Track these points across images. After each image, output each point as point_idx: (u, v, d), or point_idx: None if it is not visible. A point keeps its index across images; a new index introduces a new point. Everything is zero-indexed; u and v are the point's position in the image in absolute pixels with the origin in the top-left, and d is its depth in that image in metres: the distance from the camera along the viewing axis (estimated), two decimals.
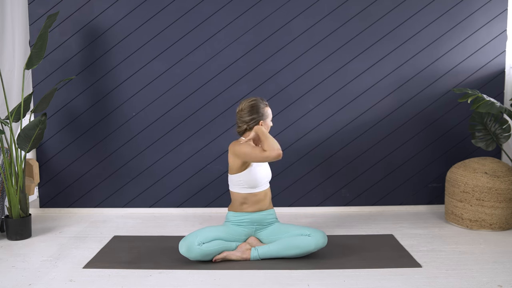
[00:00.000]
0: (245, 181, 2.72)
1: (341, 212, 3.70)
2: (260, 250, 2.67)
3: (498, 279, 2.40)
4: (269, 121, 2.81)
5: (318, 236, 2.63)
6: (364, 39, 3.63)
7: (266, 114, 2.78)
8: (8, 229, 3.09)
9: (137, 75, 3.65)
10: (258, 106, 2.75)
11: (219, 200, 3.72)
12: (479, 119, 3.49)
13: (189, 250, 2.58)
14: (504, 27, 3.63)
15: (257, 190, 2.75)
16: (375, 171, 3.73)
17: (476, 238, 3.05)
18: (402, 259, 2.67)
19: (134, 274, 2.50)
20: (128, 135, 3.70)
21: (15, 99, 3.57)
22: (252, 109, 2.75)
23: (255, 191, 2.75)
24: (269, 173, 2.85)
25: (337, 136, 3.70)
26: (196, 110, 3.67)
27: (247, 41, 3.61)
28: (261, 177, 2.75)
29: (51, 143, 3.71)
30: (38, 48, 3.14)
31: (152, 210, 3.75)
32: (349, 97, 3.67)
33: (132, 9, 3.60)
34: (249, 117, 2.74)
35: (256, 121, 2.75)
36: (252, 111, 2.74)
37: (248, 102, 2.77)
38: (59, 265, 2.64)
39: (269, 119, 2.80)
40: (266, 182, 2.82)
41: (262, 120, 2.76)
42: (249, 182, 2.72)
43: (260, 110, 2.75)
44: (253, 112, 2.74)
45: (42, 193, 3.76)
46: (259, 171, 2.75)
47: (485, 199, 3.16)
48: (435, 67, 3.66)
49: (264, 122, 2.77)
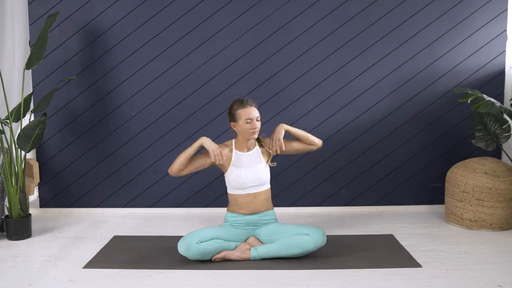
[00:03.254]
0: (229, 181, 2.78)
1: (341, 212, 3.70)
2: (259, 250, 2.67)
3: (498, 279, 2.40)
4: (243, 122, 2.71)
5: (317, 235, 2.63)
6: (364, 39, 3.63)
7: (238, 116, 2.72)
8: (8, 229, 3.09)
9: (137, 75, 3.65)
10: (231, 108, 2.77)
11: (219, 200, 3.72)
12: (479, 119, 3.48)
13: (187, 249, 2.58)
14: (504, 27, 3.62)
15: (242, 192, 2.76)
16: (375, 171, 3.73)
17: (476, 238, 3.05)
18: (402, 259, 2.67)
19: (134, 274, 2.50)
20: (128, 135, 3.70)
21: (15, 99, 3.57)
22: (229, 110, 2.79)
23: (241, 192, 2.76)
24: (259, 177, 2.76)
25: (337, 136, 3.70)
26: (196, 110, 3.67)
27: (247, 41, 3.61)
28: (243, 180, 2.73)
29: (51, 143, 3.71)
30: (38, 48, 3.14)
31: (152, 210, 3.75)
32: (349, 97, 3.67)
33: (132, 9, 3.60)
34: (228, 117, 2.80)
35: (231, 123, 2.78)
36: (228, 113, 2.79)
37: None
38: (59, 265, 2.64)
39: (241, 120, 2.71)
40: (256, 186, 2.76)
41: (234, 122, 2.75)
42: (232, 183, 2.77)
43: (232, 112, 2.75)
44: (228, 113, 2.79)
45: (42, 193, 3.76)
46: (240, 173, 2.74)
47: (485, 199, 3.16)
48: (435, 67, 3.66)
49: (236, 124, 2.74)
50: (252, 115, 2.71)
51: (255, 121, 2.71)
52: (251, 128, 2.71)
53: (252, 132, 2.72)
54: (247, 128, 2.71)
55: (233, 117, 2.74)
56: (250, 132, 2.71)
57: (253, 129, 2.71)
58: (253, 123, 2.71)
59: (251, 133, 2.72)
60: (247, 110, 2.71)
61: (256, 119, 2.72)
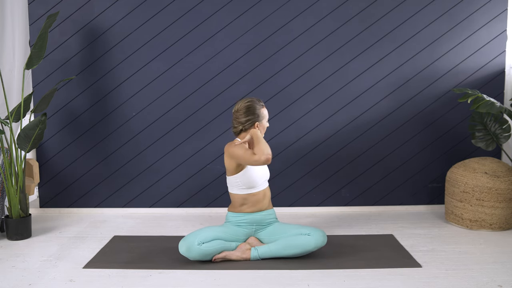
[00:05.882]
0: (242, 182, 2.71)
1: (341, 212, 3.70)
2: (260, 250, 2.67)
3: (498, 279, 2.40)
4: (265, 122, 2.79)
5: (317, 235, 2.63)
6: (364, 39, 3.63)
7: (262, 116, 2.75)
8: (8, 229, 3.09)
9: (137, 75, 3.65)
10: (254, 107, 2.73)
11: (219, 200, 3.72)
12: (479, 119, 3.49)
13: (188, 250, 2.58)
14: (504, 27, 3.63)
15: (255, 190, 2.75)
16: (375, 171, 3.73)
17: (476, 238, 3.05)
18: (402, 259, 2.67)
19: (134, 274, 2.50)
20: (128, 135, 3.70)
21: (15, 99, 3.57)
22: (248, 110, 2.72)
23: (253, 191, 2.74)
24: (267, 172, 2.83)
25: (337, 136, 3.70)
26: (196, 110, 3.67)
27: (247, 41, 3.61)
28: (258, 177, 2.74)
29: (51, 143, 3.71)
30: (38, 48, 3.14)
31: (152, 210, 3.75)
32: (349, 97, 3.67)
33: (132, 9, 3.60)
34: (245, 118, 2.72)
35: (252, 123, 2.73)
36: (248, 112, 2.72)
37: (244, 103, 2.74)
38: (59, 265, 2.64)
39: (265, 120, 2.78)
40: (264, 181, 2.80)
41: (258, 122, 2.74)
42: (246, 183, 2.71)
43: (256, 111, 2.73)
44: (249, 113, 2.72)
45: (42, 193, 3.76)
46: (255, 171, 2.73)
47: (485, 199, 3.16)
48: (435, 67, 3.66)
49: (260, 124, 2.75)
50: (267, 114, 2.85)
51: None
52: (266, 126, 2.82)
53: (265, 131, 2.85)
54: (266, 127, 2.81)
55: (258, 117, 2.74)
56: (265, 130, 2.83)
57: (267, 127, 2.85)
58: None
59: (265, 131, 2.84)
60: (266, 110, 2.81)
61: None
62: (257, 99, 2.78)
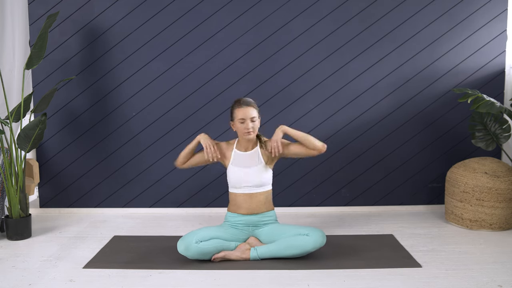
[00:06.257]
0: (228, 179, 2.83)
1: (341, 212, 3.70)
2: (259, 250, 2.67)
3: (498, 279, 2.39)
4: (238, 122, 2.72)
5: (316, 235, 2.63)
6: (364, 39, 3.63)
7: (235, 115, 2.75)
8: (8, 229, 3.09)
9: (137, 75, 3.65)
10: (231, 107, 2.81)
11: (218, 200, 3.72)
12: (479, 119, 3.48)
13: (187, 248, 2.58)
14: (504, 27, 3.63)
15: (239, 191, 2.77)
16: (375, 171, 3.73)
17: (476, 238, 3.05)
18: (402, 259, 2.67)
19: (134, 274, 2.50)
20: (128, 135, 3.70)
21: (15, 99, 3.57)
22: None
23: (238, 191, 2.78)
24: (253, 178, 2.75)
25: (337, 136, 3.70)
26: (196, 110, 3.67)
27: (247, 41, 3.61)
28: (238, 179, 2.76)
29: (51, 143, 3.71)
30: (38, 48, 3.14)
31: (152, 210, 3.75)
32: (349, 97, 3.67)
33: (132, 9, 3.60)
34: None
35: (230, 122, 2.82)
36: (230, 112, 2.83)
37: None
38: (59, 265, 2.64)
39: (236, 120, 2.73)
40: (248, 186, 2.75)
41: (232, 121, 2.80)
42: (230, 181, 2.82)
43: (231, 111, 2.81)
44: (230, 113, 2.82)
45: (42, 193, 3.76)
46: (236, 172, 2.78)
47: (485, 199, 3.16)
48: (435, 67, 3.66)
49: (233, 123, 2.79)
50: (245, 115, 2.70)
51: (248, 121, 2.70)
52: (244, 128, 2.71)
53: (245, 132, 2.72)
54: (241, 128, 2.73)
55: (231, 116, 2.80)
56: (244, 132, 2.73)
57: (246, 130, 2.71)
58: (247, 124, 2.70)
59: (245, 133, 2.73)
60: (241, 110, 2.71)
61: (250, 120, 2.71)
62: (240, 99, 2.78)
